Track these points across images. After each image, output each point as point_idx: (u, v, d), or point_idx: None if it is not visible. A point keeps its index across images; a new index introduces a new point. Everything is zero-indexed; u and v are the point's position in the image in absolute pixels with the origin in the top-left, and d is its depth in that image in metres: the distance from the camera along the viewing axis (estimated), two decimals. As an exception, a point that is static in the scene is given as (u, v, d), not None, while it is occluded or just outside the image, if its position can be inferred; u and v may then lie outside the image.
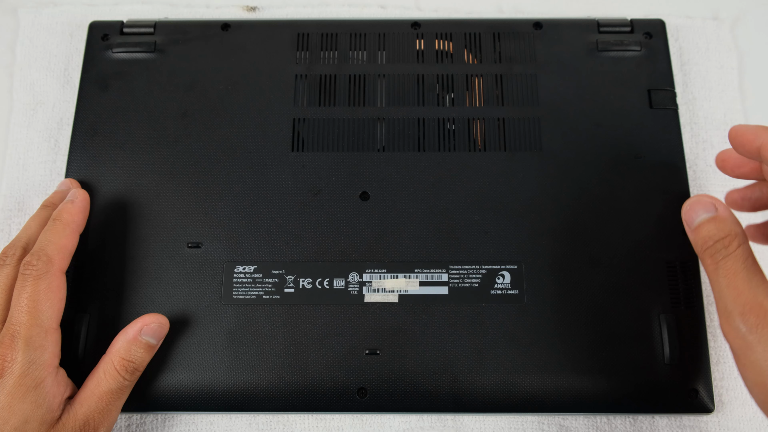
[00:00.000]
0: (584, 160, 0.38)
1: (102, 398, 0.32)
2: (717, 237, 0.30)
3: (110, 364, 0.32)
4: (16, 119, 0.43)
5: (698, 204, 0.31)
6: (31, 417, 0.30)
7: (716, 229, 0.30)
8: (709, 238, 0.30)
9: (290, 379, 0.35)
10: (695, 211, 0.31)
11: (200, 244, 0.37)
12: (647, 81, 0.40)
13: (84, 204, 0.36)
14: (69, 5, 0.45)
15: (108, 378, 0.32)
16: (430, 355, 0.35)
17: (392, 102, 0.40)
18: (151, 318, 0.34)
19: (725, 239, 0.30)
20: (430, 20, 0.42)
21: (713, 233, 0.30)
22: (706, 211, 0.31)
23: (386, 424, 0.37)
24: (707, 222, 0.30)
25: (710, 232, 0.30)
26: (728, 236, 0.30)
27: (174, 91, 0.40)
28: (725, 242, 0.29)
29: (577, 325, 0.35)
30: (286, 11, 0.46)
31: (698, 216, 0.31)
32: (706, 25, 0.45)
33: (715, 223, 0.30)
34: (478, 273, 0.36)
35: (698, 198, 0.31)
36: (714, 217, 0.30)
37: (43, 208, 0.36)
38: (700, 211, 0.31)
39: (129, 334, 0.33)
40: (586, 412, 0.35)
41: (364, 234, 0.37)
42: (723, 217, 0.30)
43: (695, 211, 0.31)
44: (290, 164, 0.39)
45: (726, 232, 0.30)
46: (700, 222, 0.31)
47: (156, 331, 0.34)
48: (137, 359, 0.33)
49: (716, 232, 0.30)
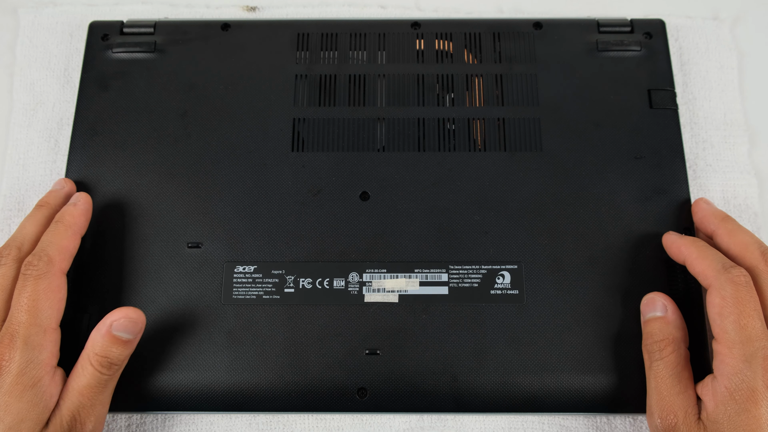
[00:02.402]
0: (584, 160, 0.38)
1: (83, 393, 0.32)
2: (657, 338, 0.33)
3: (86, 360, 0.32)
4: (16, 119, 0.43)
5: (652, 302, 0.34)
6: (26, 416, 0.30)
7: (658, 330, 0.33)
8: (650, 335, 0.33)
9: (290, 379, 0.35)
10: (648, 306, 0.34)
11: (200, 244, 0.37)
12: (647, 81, 0.40)
13: (86, 207, 0.36)
14: (69, 5, 0.45)
15: (86, 374, 0.32)
16: (430, 355, 0.35)
17: (392, 102, 0.40)
18: (120, 313, 0.32)
19: (662, 342, 0.32)
20: (430, 20, 0.42)
21: (655, 332, 0.33)
22: (657, 310, 0.34)
23: (386, 424, 0.37)
24: (654, 320, 0.33)
25: (653, 330, 0.33)
26: (665, 340, 0.32)
27: (174, 91, 0.40)
28: (661, 345, 0.32)
29: (577, 325, 0.35)
30: (286, 11, 0.46)
31: (648, 312, 0.34)
32: (706, 25, 0.45)
33: (659, 323, 0.33)
34: (478, 273, 0.36)
35: (654, 296, 0.34)
36: (661, 318, 0.33)
37: (38, 207, 0.36)
38: (652, 308, 0.34)
39: (101, 329, 0.32)
40: (586, 412, 0.35)
41: (364, 234, 0.37)
42: (668, 320, 0.33)
43: (648, 307, 0.34)
44: (290, 164, 0.39)
45: (665, 335, 0.33)
46: (648, 318, 0.34)
47: (126, 326, 0.32)
48: (112, 355, 0.32)
49: (657, 332, 0.33)
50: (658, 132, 0.39)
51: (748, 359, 0.29)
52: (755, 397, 0.29)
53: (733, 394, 0.29)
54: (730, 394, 0.29)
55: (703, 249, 0.33)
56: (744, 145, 0.42)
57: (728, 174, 0.41)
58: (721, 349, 0.30)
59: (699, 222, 0.36)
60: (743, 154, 0.42)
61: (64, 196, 0.37)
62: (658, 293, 0.34)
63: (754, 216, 0.41)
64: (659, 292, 0.34)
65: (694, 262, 0.33)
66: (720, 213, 0.35)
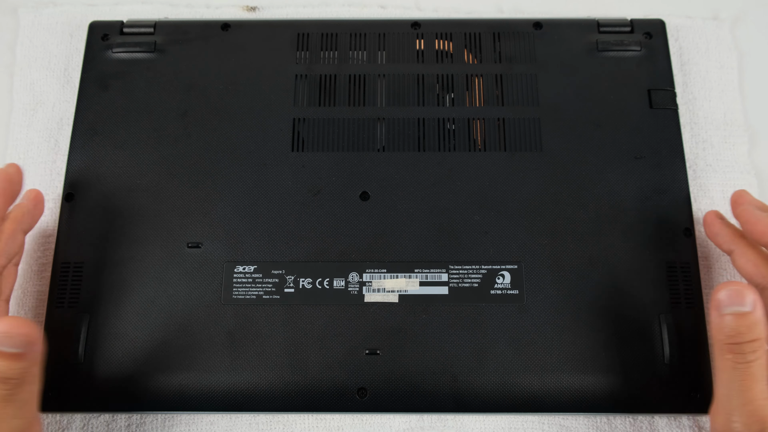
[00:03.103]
0: (584, 160, 0.38)
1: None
2: (748, 337, 0.29)
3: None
4: (16, 119, 0.43)
5: (739, 294, 0.29)
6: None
7: (747, 329, 0.29)
8: (739, 334, 0.29)
9: (290, 379, 0.35)
10: (733, 299, 0.29)
11: (200, 244, 0.37)
12: (647, 81, 0.40)
13: (28, 208, 0.36)
14: (69, 5, 0.45)
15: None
16: (430, 355, 0.35)
17: (392, 102, 0.40)
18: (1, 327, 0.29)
19: (756, 342, 0.29)
20: (430, 20, 0.42)
21: (744, 330, 0.29)
22: (744, 304, 0.29)
23: (386, 424, 0.37)
24: (741, 316, 0.29)
25: (741, 327, 0.29)
26: (759, 340, 0.29)
27: (174, 91, 0.40)
28: (754, 346, 0.29)
29: (577, 325, 0.35)
30: (286, 11, 0.46)
31: (733, 306, 0.29)
32: (706, 25, 0.45)
33: (748, 320, 0.29)
34: (478, 273, 0.36)
35: (740, 288, 0.29)
36: (749, 314, 0.29)
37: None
38: (738, 301, 0.29)
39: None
40: (586, 412, 0.35)
41: (364, 234, 0.37)
42: (757, 318, 0.29)
43: (732, 299, 0.29)
44: (290, 164, 0.39)
45: (758, 335, 0.29)
46: (732, 312, 0.29)
47: (3, 341, 0.29)
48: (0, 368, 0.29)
49: (747, 330, 0.29)
50: (658, 132, 0.39)
51: None
52: None
53: None
54: None
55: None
56: (744, 145, 0.42)
57: (728, 174, 0.41)
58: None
59: (714, 243, 0.36)
60: (743, 154, 0.42)
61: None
62: (742, 284, 0.29)
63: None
64: (743, 283, 0.29)
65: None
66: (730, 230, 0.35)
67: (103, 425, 0.37)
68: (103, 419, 0.37)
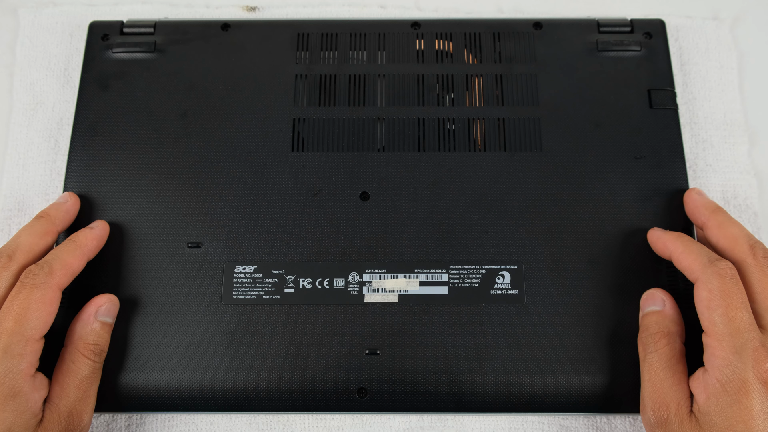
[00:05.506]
0: (584, 160, 0.38)
1: (80, 387, 0.32)
2: (652, 330, 0.33)
3: (77, 353, 0.33)
4: (16, 119, 0.43)
5: (652, 296, 0.34)
6: (14, 424, 0.30)
7: (654, 323, 0.33)
8: (646, 328, 0.33)
9: (290, 379, 0.35)
10: (647, 301, 0.34)
11: (200, 244, 0.37)
12: (647, 81, 0.40)
13: (102, 234, 0.36)
14: (69, 5, 0.45)
15: (79, 365, 0.32)
16: (430, 355, 0.35)
17: (392, 102, 0.40)
18: (103, 299, 0.34)
19: (656, 334, 0.33)
20: (430, 20, 0.42)
21: (651, 325, 0.33)
22: (656, 304, 0.34)
23: (386, 424, 0.37)
24: (651, 314, 0.34)
25: (649, 323, 0.33)
26: (660, 333, 0.33)
27: (174, 91, 0.40)
28: (656, 337, 0.33)
29: (577, 325, 0.35)
30: (286, 11, 0.46)
31: (647, 306, 0.34)
32: (706, 25, 0.45)
33: (656, 317, 0.33)
34: (478, 273, 0.36)
35: (654, 291, 0.34)
36: (658, 312, 0.34)
37: (37, 218, 0.36)
38: (651, 302, 0.34)
39: (87, 319, 0.34)
40: (586, 412, 0.35)
41: (364, 234, 0.37)
42: (665, 314, 0.33)
43: (647, 301, 0.34)
44: (290, 164, 0.39)
45: (660, 328, 0.33)
46: (646, 312, 0.34)
47: (110, 310, 0.35)
48: (102, 340, 0.34)
49: (653, 325, 0.33)
50: (658, 132, 0.39)
51: (738, 351, 0.29)
52: (746, 388, 0.29)
53: (724, 386, 0.29)
54: (721, 386, 0.29)
55: (688, 243, 0.34)
56: (744, 145, 0.42)
57: (728, 174, 0.41)
58: (711, 342, 0.30)
59: (690, 213, 0.36)
60: (743, 154, 0.42)
61: (66, 210, 0.37)
62: (658, 289, 0.35)
63: (754, 216, 0.41)
64: (659, 288, 0.35)
65: (680, 256, 0.33)
66: (711, 204, 0.35)
67: (103, 425, 0.37)
68: (103, 419, 0.37)
